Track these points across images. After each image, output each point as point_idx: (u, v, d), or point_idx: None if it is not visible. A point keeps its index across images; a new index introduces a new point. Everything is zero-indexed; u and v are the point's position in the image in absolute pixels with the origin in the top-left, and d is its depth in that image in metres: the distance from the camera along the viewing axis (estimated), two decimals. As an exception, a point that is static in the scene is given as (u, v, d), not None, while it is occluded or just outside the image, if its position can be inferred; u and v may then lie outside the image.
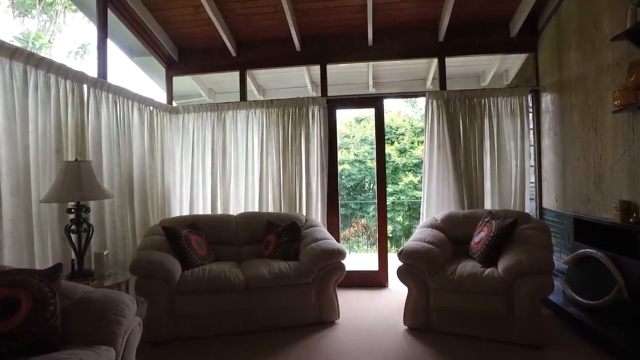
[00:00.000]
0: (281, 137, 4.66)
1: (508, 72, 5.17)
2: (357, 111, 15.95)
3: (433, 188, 4.41)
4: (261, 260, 3.70)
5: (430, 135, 4.45)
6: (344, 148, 14.20)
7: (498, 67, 5.07)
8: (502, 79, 5.21)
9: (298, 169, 4.62)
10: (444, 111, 4.40)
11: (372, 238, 12.87)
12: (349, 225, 12.40)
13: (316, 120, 4.61)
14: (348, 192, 14.35)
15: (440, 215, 3.97)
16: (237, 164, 4.76)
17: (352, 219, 12.73)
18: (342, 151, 14.20)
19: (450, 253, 3.58)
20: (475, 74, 5.33)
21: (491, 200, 4.39)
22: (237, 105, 4.75)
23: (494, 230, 3.33)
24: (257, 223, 4.09)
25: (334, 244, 3.66)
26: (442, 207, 4.35)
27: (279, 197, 4.64)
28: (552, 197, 4.16)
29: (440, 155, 4.40)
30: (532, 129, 4.42)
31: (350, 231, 12.31)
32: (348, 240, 11.95)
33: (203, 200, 4.83)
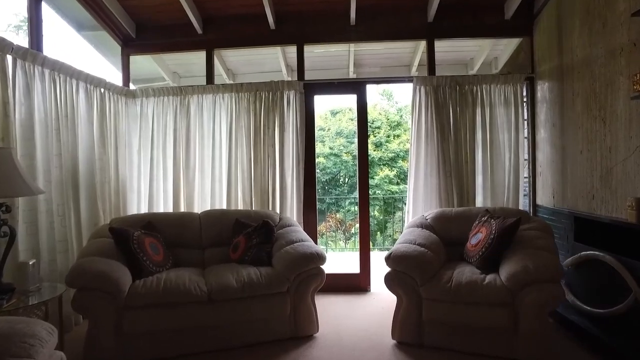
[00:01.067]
0: (252, 125, 4.11)
1: (497, 60, 4.79)
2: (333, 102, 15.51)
3: (420, 183, 3.97)
4: (228, 265, 3.17)
5: (418, 124, 4.00)
6: (319, 141, 13.72)
7: (487, 54, 4.69)
8: (491, 67, 4.84)
9: (271, 162, 4.10)
10: (432, 99, 3.96)
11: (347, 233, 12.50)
12: (324, 219, 12.00)
13: (292, 106, 4.09)
14: (323, 186, 13.91)
15: (430, 214, 3.53)
16: (202, 155, 4.20)
17: (327, 213, 12.31)
18: (317, 144, 13.67)
19: (444, 257, 3.15)
20: (463, 61, 4.94)
21: (483, 196, 3.99)
22: (202, 89, 4.17)
23: (494, 231, 2.91)
24: (224, 222, 3.55)
25: (311, 246, 3.17)
26: (430, 203, 3.92)
27: (249, 193, 4.10)
28: (549, 193, 3.80)
29: (429, 147, 3.96)
30: (526, 119, 4.04)
31: (325, 226, 11.91)
32: (323, 235, 11.55)
33: (164, 197, 4.24)
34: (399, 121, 14.34)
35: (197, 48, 4.35)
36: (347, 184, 13.96)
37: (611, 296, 2.81)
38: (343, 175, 14.06)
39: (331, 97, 15.59)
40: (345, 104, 14.72)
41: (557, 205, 3.68)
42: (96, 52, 4.57)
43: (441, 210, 3.51)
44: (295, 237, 3.30)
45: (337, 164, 13.33)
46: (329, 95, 5.49)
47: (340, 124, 14.04)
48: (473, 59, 4.86)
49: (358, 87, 4.20)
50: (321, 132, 13.88)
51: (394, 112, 14.68)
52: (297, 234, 3.37)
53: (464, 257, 3.14)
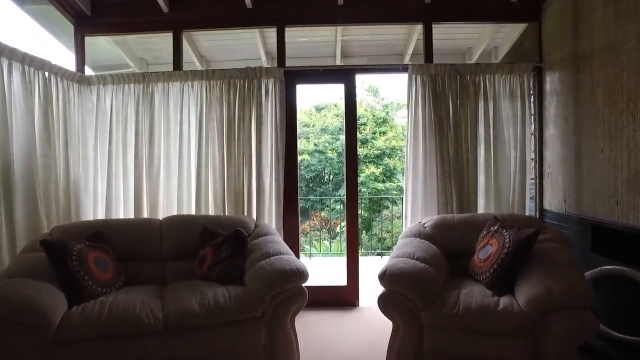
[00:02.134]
0: (226, 118, 3.55)
1: (498, 50, 4.33)
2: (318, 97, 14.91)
3: (419, 185, 3.47)
4: (192, 284, 2.61)
5: (414, 119, 3.50)
6: (303, 137, 13.18)
7: (487, 43, 4.22)
8: (491, 58, 4.38)
9: (247, 159, 3.54)
10: (430, 90, 3.46)
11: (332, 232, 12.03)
12: (308, 218, 11.46)
13: (271, 97, 3.54)
14: (307, 184, 13.38)
15: (428, 221, 3.03)
16: (168, 151, 3.62)
17: (311, 212, 11.81)
18: (302, 141, 13.16)
19: (446, 273, 2.66)
20: (460, 51, 4.47)
21: (485, 200, 3.51)
22: (169, 76, 3.59)
23: (508, 244, 2.43)
24: (190, 230, 2.99)
25: (291, 261, 2.63)
26: (429, 208, 3.43)
27: (221, 196, 3.55)
28: (559, 197, 3.35)
29: (427, 144, 3.46)
30: (532, 114, 3.57)
31: (309, 224, 11.42)
32: (307, 235, 11.06)
33: (124, 199, 3.65)
34: (385, 118, 13.91)
35: (163, 29, 3.76)
36: (332, 181, 13.47)
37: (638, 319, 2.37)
38: (328, 173, 13.56)
39: (316, 87, 14.86)
40: (330, 99, 14.19)
41: (569, 210, 3.22)
42: (45, 32, 3.93)
43: (442, 217, 3.02)
44: (272, 249, 2.77)
45: (322, 161, 12.82)
46: (313, 85, 4.85)
47: (325, 120, 13.52)
48: (471, 48, 4.39)
49: (346, 75, 3.67)
50: (306, 128, 13.34)
51: (379, 108, 14.22)
52: (275, 245, 2.83)
53: (470, 272, 2.65)
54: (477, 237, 2.78)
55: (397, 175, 13.27)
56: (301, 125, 13.48)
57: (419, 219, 3.42)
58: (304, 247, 9.96)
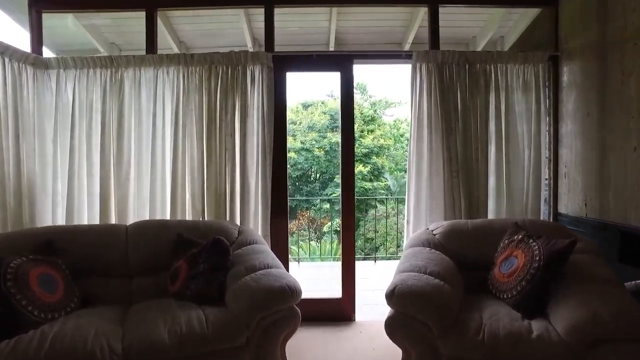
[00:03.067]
0: (206, 108, 3.08)
1: (504, 40, 3.96)
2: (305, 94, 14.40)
3: (423, 186, 3.06)
4: (161, 304, 2.15)
5: (418, 113, 3.08)
6: (290, 135, 12.73)
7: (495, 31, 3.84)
8: (497, 49, 4.00)
9: (230, 156, 3.08)
10: (436, 80, 3.05)
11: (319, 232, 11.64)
12: (294, 217, 10.98)
13: (257, 85, 3.09)
14: (294, 182, 12.94)
15: (438, 227, 2.62)
16: (139, 147, 3.13)
17: (297, 211, 11.36)
18: (288, 138, 12.71)
19: (462, 289, 2.25)
20: (464, 41, 4.08)
21: (496, 203, 3.13)
22: (141, 60, 3.09)
23: (539, 257, 2.03)
24: (162, 239, 2.52)
25: (281, 276, 2.19)
26: (434, 212, 3.02)
27: (201, 197, 3.07)
28: (578, 200, 2.98)
29: (432, 141, 3.05)
30: (547, 108, 3.19)
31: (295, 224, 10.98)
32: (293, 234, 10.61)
33: (89, 201, 3.14)
34: (373, 116, 13.58)
35: (134, 7, 3.26)
36: (319, 180, 13.07)
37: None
38: (315, 172, 13.15)
39: (304, 80, 14.39)
40: (318, 96, 13.78)
41: (590, 215, 2.86)
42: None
43: (453, 223, 2.60)
44: (258, 261, 2.32)
45: (309, 160, 12.40)
46: (305, 73, 4.32)
47: (312, 118, 13.10)
48: (476, 37, 4.00)
49: (342, 62, 3.23)
50: (292, 125, 12.90)
51: (367, 106, 13.87)
52: (262, 257, 2.39)
53: (490, 288, 2.25)
54: (494, 246, 2.38)
55: (385, 174, 12.96)
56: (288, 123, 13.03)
57: (423, 223, 3.01)
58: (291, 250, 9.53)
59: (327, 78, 16.10)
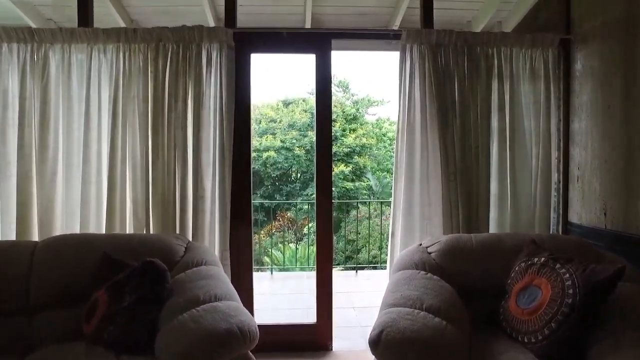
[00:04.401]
0: (151, 96, 2.48)
1: (502, 25, 3.46)
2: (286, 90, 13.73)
3: (415, 191, 2.52)
4: (67, 352, 1.56)
5: (408, 103, 2.55)
6: (269, 133, 12.15)
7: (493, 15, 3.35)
8: (493, 35, 3.50)
9: (180, 154, 2.49)
10: (430, 64, 2.53)
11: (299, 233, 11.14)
12: (274, 218, 10.26)
13: (215, 68, 2.50)
14: (273, 182, 12.34)
15: (433, 243, 2.08)
16: (68, 142, 2.51)
17: (277, 212, 10.78)
18: (268, 137, 12.12)
19: (469, 328, 1.73)
20: (459, 24, 3.57)
21: (498, 210, 2.62)
22: (70, 35, 2.47)
23: (574, 289, 1.51)
24: (82, 259, 1.92)
25: (232, 313, 1.61)
26: (432, 223, 2.49)
27: (144, 205, 2.47)
28: (594, 208, 2.50)
29: (427, 137, 2.52)
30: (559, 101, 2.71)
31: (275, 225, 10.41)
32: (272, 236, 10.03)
33: (3, 207, 2.50)
34: (355, 115, 13.10)
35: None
36: (300, 180, 12.52)
37: None
38: (295, 171, 12.59)
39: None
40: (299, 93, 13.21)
41: (612, 226, 2.37)
42: None
43: (454, 239, 2.07)
44: (204, 291, 1.74)
45: (289, 159, 11.84)
46: (274, 55, 3.52)
47: (293, 116, 12.54)
48: (473, 20, 3.50)
49: (318, 43, 2.67)
50: (272, 123, 12.33)
51: (350, 104, 13.39)
52: (210, 284, 1.81)
53: (504, 325, 1.73)
54: (505, 268, 1.86)
55: (367, 174, 12.53)
56: (267, 121, 12.44)
57: (414, 237, 2.48)
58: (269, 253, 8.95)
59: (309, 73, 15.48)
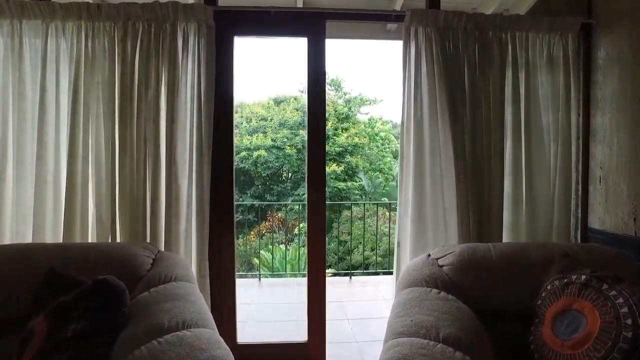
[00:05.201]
0: (118, 83, 2.13)
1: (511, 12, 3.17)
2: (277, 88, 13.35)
3: (426, 194, 2.20)
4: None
5: (415, 93, 2.22)
6: (260, 132, 11.78)
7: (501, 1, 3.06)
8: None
9: (152, 150, 2.14)
10: (438, 49, 2.21)
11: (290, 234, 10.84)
12: (264, 219, 9.90)
13: (192, 52, 2.15)
14: (264, 182, 11.98)
15: (445, 254, 1.75)
16: (20, 135, 2.13)
17: (267, 212, 10.43)
18: (258, 135, 11.75)
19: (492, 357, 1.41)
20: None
21: (512, 215, 2.31)
22: (21, 8, 2.09)
23: (635, 319, 1.21)
24: (18, 276, 1.57)
25: (202, 346, 1.27)
26: (440, 229, 2.18)
27: (109, 209, 2.12)
28: (621, 213, 2.21)
29: (438, 131, 2.21)
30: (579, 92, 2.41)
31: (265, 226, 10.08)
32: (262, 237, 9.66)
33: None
34: (347, 114, 12.80)
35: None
36: (291, 179, 12.19)
37: None
38: (286, 171, 12.25)
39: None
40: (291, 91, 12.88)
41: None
42: None
43: (469, 250, 1.74)
44: (169, 317, 1.40)
45: (280, 158, 11.49)
46: (261, 39, 3.01)
47: (284, 114, 12.20)
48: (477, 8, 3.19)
49: (311, 24, 2.32)
50: (263, 122, 11.97)
51: (342, 103, 13.08)
52: (178, 307, 1.46)
53: (535, 358, 1.42)
54: (532, 286, 1.56)
55: (359, 174, 12.26)
56: (258, 119, 12.08)
57: (424, 245, 2.17)
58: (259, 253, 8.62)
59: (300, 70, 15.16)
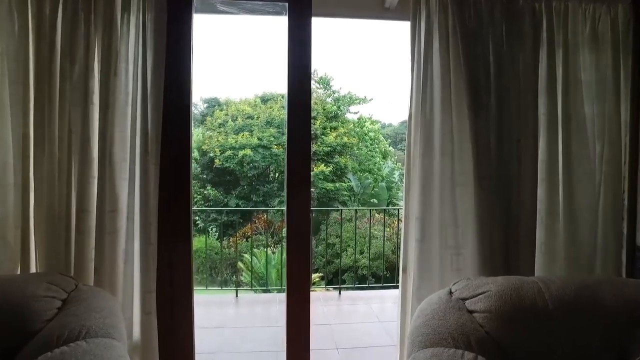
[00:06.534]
0: (33, 56, 1.55)
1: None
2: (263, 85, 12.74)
3: (434, 206, 1.68)
4: None
5: (424, 77, 1.70)
6: (246, 130, 11.22)
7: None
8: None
9: (79, 146, 1.54)
10: (456, 22, 1.69)
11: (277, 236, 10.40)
12: (250, 221, 9.64)
13: (136, 17, 1.58)
14: (250, 182, 11.40)
15: (474, 295, 1.22)
16: None
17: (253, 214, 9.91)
18: (244, 134, 11.17)
19: None
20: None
21: (547, 230, 1.78)
22: None
23: None
24: None
25: None
26: (455, 255, 1.66)
27: (17, 226, 1.53)
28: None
29: (447, 124, 1.68)
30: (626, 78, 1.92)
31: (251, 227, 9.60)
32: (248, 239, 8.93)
33: None
34: (336, 112, 12.34)
35: None
36: (278, 180, 11.66)
37: None
38: (273, 171, 11.71)
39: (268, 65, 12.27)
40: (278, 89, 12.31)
41: None
42: None
43: (512, 289, 1.19)
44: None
45: (267, 158, 10.95)
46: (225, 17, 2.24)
47: (271, 112, 11.66)
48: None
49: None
50: (249, 120, 11.43)
51: (331, 102, 12.61)
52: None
53: None
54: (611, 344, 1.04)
55: (348, 175, 11.83)
56: (244, 117, 11.51)
57: (430, 273, 1.64)
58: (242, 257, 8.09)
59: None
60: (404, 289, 1.72)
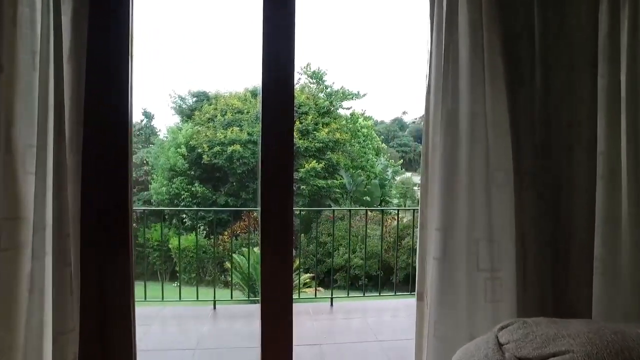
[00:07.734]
0: None
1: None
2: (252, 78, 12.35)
3: (459, 213, 1.23)
4: None
5: (444, 53, 1.24)
6: (235, 125, 10.77)
7: None
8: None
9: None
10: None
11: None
12: (239, 219, 9.12)
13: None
14: (239, 180, 10.96)
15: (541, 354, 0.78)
16: None
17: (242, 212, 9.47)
18: (233, 129, 10.71)
19: None
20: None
21: (604, 241, 1.35)
22: None
23: None
24: None
25: None
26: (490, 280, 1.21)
27: None
28: None
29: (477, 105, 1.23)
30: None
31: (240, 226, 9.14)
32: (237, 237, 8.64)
33: None
34: (328, 108, 11.99)
35: None
36: (268, 177, 11.18)
37: None
38: (264, 167, 11.25)
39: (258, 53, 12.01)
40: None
41: None
42: None
43: (610, 347, 0.78)
44: None
45: (257, 154, 10.49)
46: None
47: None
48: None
49: None
50: (239, 115, 10.99)
51: (323, 97, 12.23)
52: None
53: None
54: None
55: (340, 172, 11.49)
56: (233, 112, 11.03)
57: (459, 304, 1.19)
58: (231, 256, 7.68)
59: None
60: (419, 321, 1.27)
